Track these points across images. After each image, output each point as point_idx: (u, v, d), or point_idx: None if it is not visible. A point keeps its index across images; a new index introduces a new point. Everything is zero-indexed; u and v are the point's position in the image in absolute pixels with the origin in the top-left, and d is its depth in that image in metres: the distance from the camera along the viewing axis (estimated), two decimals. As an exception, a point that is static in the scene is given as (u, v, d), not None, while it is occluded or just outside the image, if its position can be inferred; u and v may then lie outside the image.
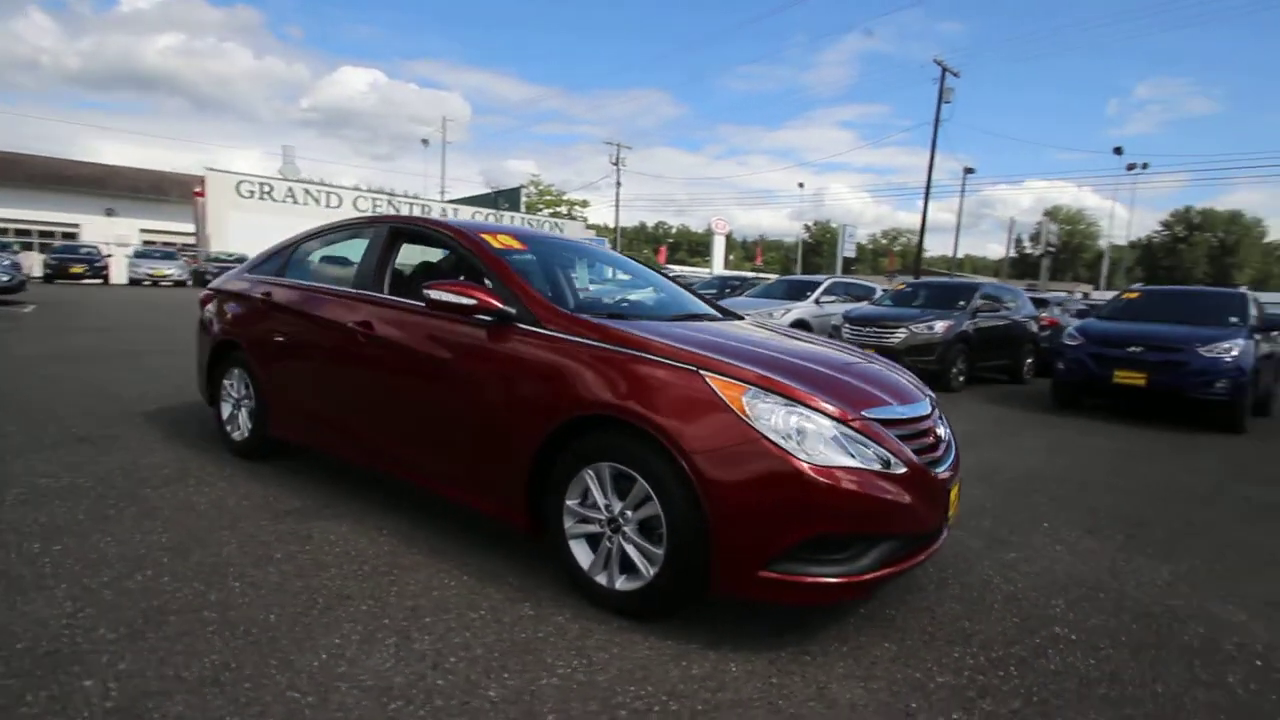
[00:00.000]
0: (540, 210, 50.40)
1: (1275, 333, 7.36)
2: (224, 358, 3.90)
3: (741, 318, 3.41)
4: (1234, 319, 7.01)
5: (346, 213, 32.17)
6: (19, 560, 2.41)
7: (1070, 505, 3.86)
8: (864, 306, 10.25)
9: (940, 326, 8.49)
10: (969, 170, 32.22)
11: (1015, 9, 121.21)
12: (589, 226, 39.31)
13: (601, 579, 2.27)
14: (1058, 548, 3.16)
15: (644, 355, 2.24)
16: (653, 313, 3.06)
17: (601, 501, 2.25)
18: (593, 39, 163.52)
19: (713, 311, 3.35)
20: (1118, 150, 33.22)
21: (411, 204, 35.07)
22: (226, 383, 3.88)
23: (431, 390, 2.75)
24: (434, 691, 1.79)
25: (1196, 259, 65.30)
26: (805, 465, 1.96)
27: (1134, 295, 8.24)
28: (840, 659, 2.07)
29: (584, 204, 54.90)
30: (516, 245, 3.04)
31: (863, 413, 2.16)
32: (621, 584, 2.23)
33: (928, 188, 27.56)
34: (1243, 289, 8.04)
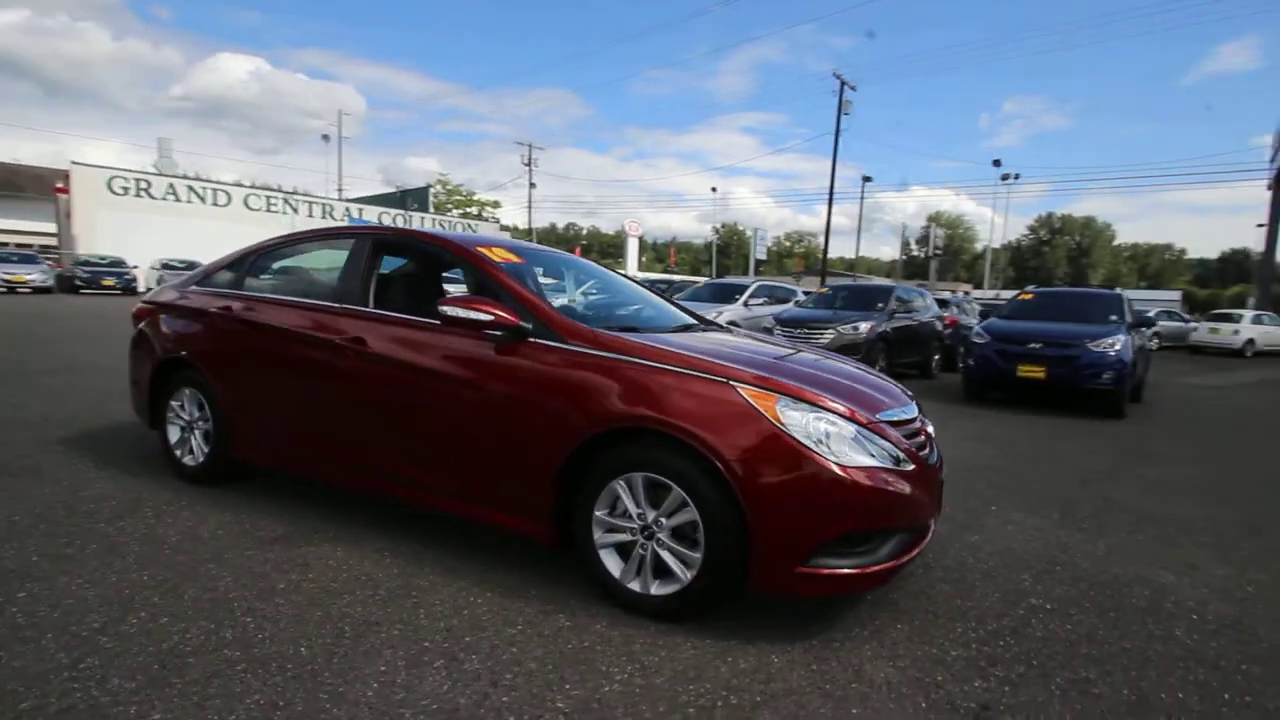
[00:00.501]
0: (449, 210, 48.97)
1: (1145, 328, 8.43)
2: (170, 377, 3.61)
3: (722, 326, 3.55)
4: (1114, 317, 7.97)
5: (236, 212, 29.93)
6: (-19, 611, 2.16)
7: (1007, 489, 4.30)
8: (793, 309, 10.77)
9: (864, 327, 9.08)
10: (867, 179, 34.39)
11: (900, 29, 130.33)
12: (503, 228, 38.51)
13: (635, 585, 2.34)
14: (1009, 528, 3.53)
15: (673, 368, 2.32)
16: (655, 324, 3.14)
17: (634, 511, 2.32)
18: (495, 37, 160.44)
19: (697, 320, 3.48)
20: (996, 162, 36.58)
21: (312, 203, 33.09)
22: (174, 404, 3.60)
23: (440, 407, 2.70)
24: (502, 709, 1.79)
25: (1058, 260, 72.79)
26: (835, 466, 2.12)
27: (1028, 297, 9.18)
28: (865, 642, 2.25)
29: (495, 204, 53.90)
30: (515, 259, 3.03)
31: (876, 415, 2.35)
32: (656, 589, 2.30)
33: (830, 194, 29.20)
34: (1118, 290, 9.12)
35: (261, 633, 2.13)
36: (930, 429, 2.74)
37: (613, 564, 2.38)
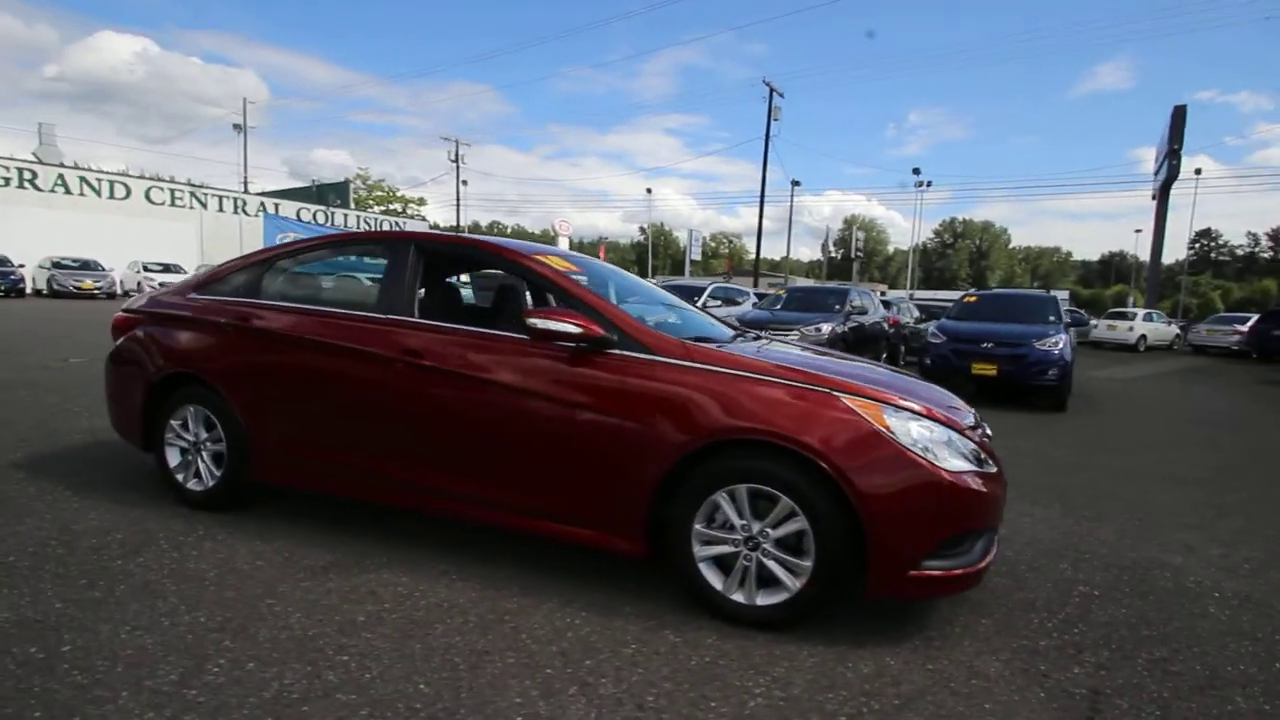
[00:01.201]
0: (371, 207, 46.91)
1: (1077, 328, 9.18)
2: (170, 394, 3.30)
3: (759, 334, 3.61)
4: (1052, 317, 8.63)
5: (136, 206, 27.54)
6: (30, 672, 1.91)
7: (1002, 482, 4.58)
8: (755, 311, 11.02)
9: (826, 328, 9.42)
10: (796, 183, 35.66)
11: (815, 41, 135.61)
12: (433, 227, 37.21)
13: (739, 597, 2.34)
14: (1025, 519, 3.76)
15: (774, 380, 2.34)
16: (716, 334, 3.14)
17: (738, 522, 2.32)
18: (409, 30, 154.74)
19: (737, 330, 3.52)
20: (916, 170, 38.88)
21: (222, 197, 30.84)
22: (174, 423, 3.28)
23: (518, 423, 2.59)
24: (661, 734, 1.76)
25: (960, 262, 77.97)
26: (943, 472, 2.20)
27: (973, 299, 9.81)
28: (961, 639, 2.35)
29: (421, 202, 52.08)
30: (575, 268, 2.96)
31: (960, 420, 2.46)
32: (762, 599, 2.31)
33: (761, 198, 30.05)
34: (1052, 293, 9.88)
35: (367, 672, 1.99)
36: (989, 432, 2.89)
37: (713, 576, 2.38)
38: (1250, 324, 18.71)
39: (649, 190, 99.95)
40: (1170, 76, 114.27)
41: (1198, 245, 68.92)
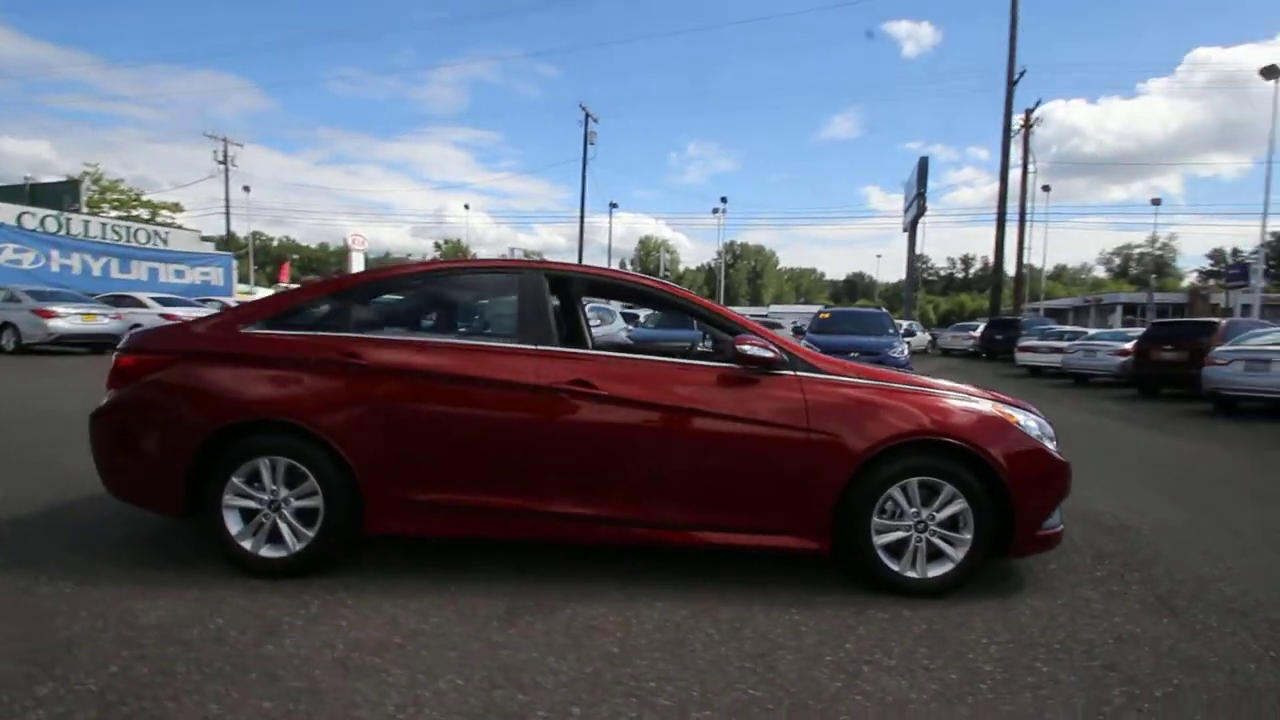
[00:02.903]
0: (102, 210, 38.75)
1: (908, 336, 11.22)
2: (228, 447, 2.82)
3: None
4: (890, 329, 10.45)
5: None
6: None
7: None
8: (642, 329, 11.55)
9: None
10: (614, 205, 37.26)
11: (606, 67, 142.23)
12: (204, 239, 31.77)
13: (912, 573, 2.79)
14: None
15: (929, 391, 2.86)
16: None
17: (910, 510, 2.78)
18: (140, 6, 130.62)
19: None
20: (724, 199, 42.95)
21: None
22: (237, 480, 2.81)
23: (704, 444, 2.76)
24: (968, 691, 2.14)
25: (739, 281, 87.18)
26: (1054, 454, 2.89)
27: (826, 315, 11.42)
28: (1079, 589, 2.98)
29: (176, 207, 44.39)
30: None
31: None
32: (932, 571, 2.79)
33: (581, 218, 31.02)
34: (883, 309, 11.87)
35: (694, 689, 2.06)
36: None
37: (890, 560, 2.80)
38: (980, 331, 23.95)
39: (466, 206, 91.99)
40: (888, 130, 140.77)
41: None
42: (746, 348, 2.72)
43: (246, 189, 38.74)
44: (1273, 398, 8.78)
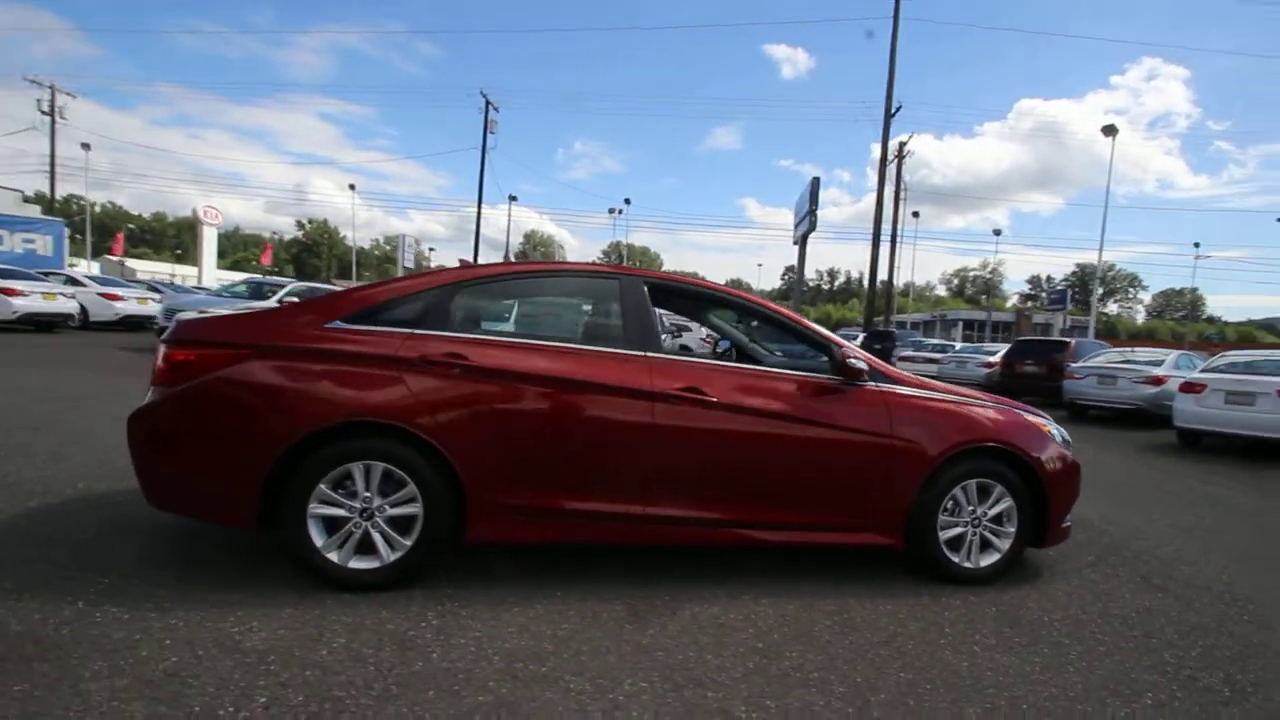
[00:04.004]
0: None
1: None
2: (317, 451, 2.60)
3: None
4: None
5: None
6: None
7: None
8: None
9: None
10: (513, 198, 36.45)
11: (491, 53, 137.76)
12: (26, 200, 26.75)
13: (969, 565, 3.16)
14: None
15: (978, 402, 3.25)
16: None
17: (968, 507, 3.14)
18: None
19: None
20: (627, 201, 42.88)
21: None
22: (323, 488, 2.61)
23: (802, 449, 2.95)
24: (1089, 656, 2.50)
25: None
26: (1073, 457, 3.39)
27: None
28: (1083, 573, 3.51)
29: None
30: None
31: (1047, 423, 3.70)
32: (984, 561, 3.17)
33: (479, 206, 30.03)
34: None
35: (857, 676, 2.25)
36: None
37: (952, 553, 3.15)
38: (859, 341, 26.13)
39: (352, 186, 78.67)
40: (765, 146, 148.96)
41: (786, 277, 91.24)
42: (852, 360, 2.95)
43: (86, 146, 33.55)
44: (1118, 408, 10.51)
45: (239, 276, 28.13)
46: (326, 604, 2.51)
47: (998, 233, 62.57)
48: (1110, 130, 24.23)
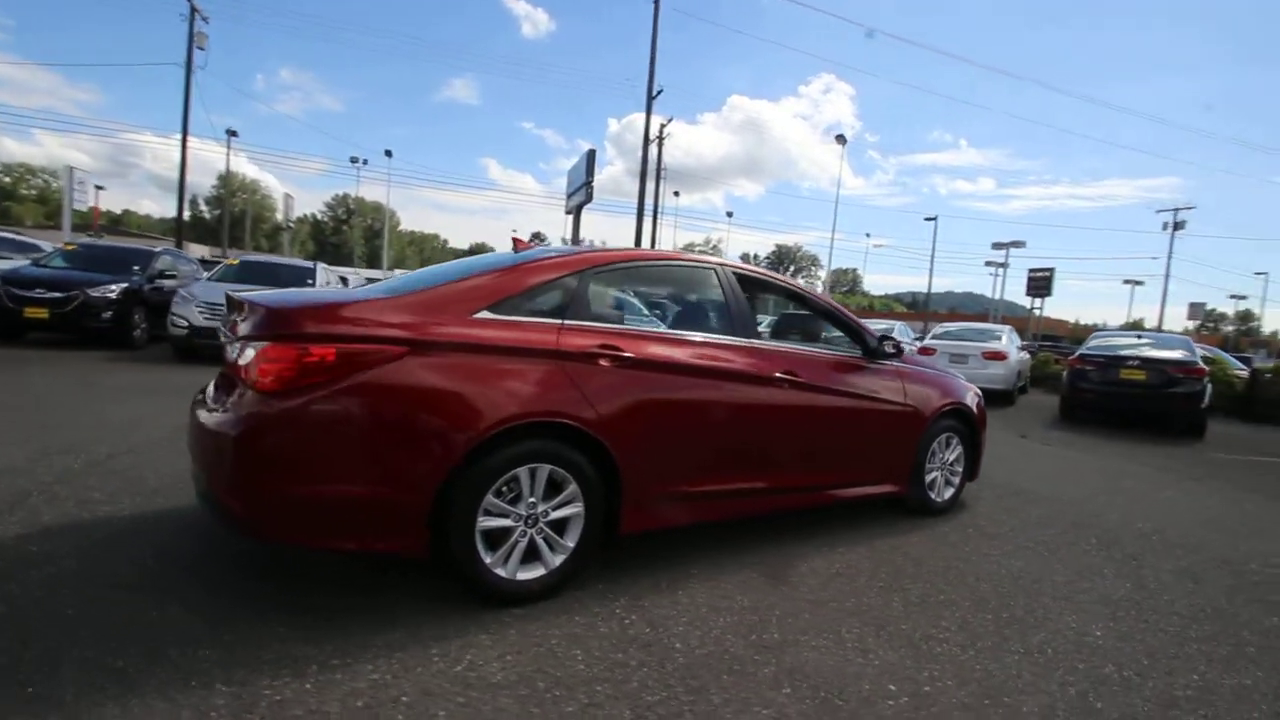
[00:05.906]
0: None
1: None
2: (487, 457, 2.35)
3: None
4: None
5: None
6: None
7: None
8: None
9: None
10: (232, 133, 30.11)
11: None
12: None
13: (941, 501, 4.08)
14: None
15: (945, 373, 4.16)
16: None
17: (939, 455, 4.05)
18: None
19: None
20: (388, 152, 38.01)
21: None
22: (491, 498, 2.38)
23: (854, 419, 3.52)
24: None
25: (356, 239, 79.93)
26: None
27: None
28: (1054, 543, 4.70)
29: None
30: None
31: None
32: (946, 495, 4.13)
33: (184, 141, 24.42)
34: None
35: (968, 649, 2.89)
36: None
37: (931, 492, 4.02)
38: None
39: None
40: (506, 106, 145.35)
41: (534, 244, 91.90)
42: (887, 344, 3.60)
43: None
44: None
45: None
46: (483, 620, 2.32)
47: (730, 214, 71.12)
48: (841, 139, 29.41)
